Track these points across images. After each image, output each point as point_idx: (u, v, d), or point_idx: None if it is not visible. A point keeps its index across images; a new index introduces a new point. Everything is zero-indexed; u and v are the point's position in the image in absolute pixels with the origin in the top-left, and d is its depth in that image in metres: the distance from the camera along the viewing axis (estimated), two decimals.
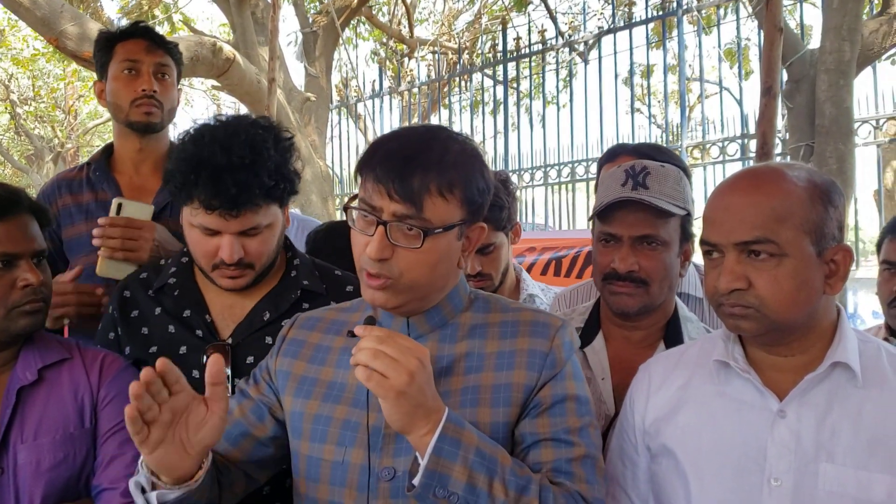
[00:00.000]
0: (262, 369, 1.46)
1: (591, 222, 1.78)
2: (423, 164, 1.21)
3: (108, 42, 2.23)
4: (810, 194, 1.26)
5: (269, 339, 1.62)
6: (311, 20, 9.22)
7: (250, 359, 1.62)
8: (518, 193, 7.10)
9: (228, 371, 1.60)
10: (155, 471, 1.22)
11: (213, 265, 1.61)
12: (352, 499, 1.26)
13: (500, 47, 7.57)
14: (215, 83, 7.47)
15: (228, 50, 6.74)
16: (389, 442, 1.27)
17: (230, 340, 1.64)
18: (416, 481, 1.14)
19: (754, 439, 1.30)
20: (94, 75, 2.36)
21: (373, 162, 1.24)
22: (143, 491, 1.23)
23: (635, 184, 1.62)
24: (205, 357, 1.60)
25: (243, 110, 9.26)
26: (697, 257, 1.55)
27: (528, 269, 4.16)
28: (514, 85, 7.51)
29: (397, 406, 1.12)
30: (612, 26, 6.55)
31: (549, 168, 7.02)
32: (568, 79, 7.15)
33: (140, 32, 2.22)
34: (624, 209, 1.61)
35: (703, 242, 1.32)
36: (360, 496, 1.26)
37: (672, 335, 1.70)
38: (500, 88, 7.71)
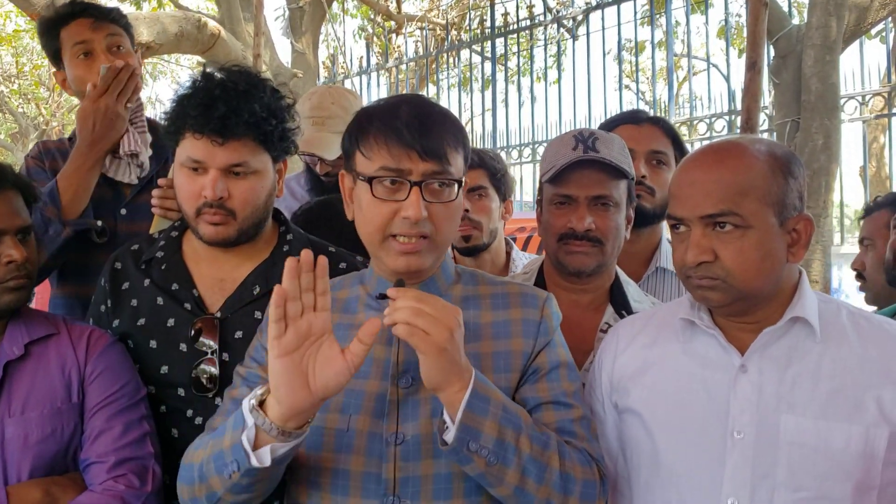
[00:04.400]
0: (260, 350, 1.42)
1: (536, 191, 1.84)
2: (437, 121, 1.29)
3: (51, 29, 2.15)
4: (771, 167, 1.30)
5: (258, 314, 1.62)
6: None
7: (239, 333, 1.61)
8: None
9: (215, 345, 1.60)
10: (274, 397, 1.17)
11: (197, 209, 1.59)
12: (360, 464, 1.29)
13: (488, 23, 7.53)
14: (200, 59, 7.40)
15: (213, 26, 6.68)
16: (394, 409, 1.30)
17: (218, 314, 1.64)
18: (448, 437, 1.18)
19: (718, 394, 1.35)
20: None
21: (392, 128, 1.27)
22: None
23: (586, 147, 1.68)
24: (192, 330, 1.61)
25: None
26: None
27: (524, 248, 4.18)
28: (503, 61, 7.47)
29: (438, 362, 1.16)
30: (600, 2, 6.52)
31: (537, 145, 7.01)
32: (556, 55, 7.12)
33: (80, 11, 2.14)
34: (579, 171, 1.68)
35: (669, 217, 1.37)
36: (368, 461, 1.29)
37: (618, 297, 1.77)
38: (488, 64, 7.68)
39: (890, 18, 5.21)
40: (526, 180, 7.16)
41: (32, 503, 1.44)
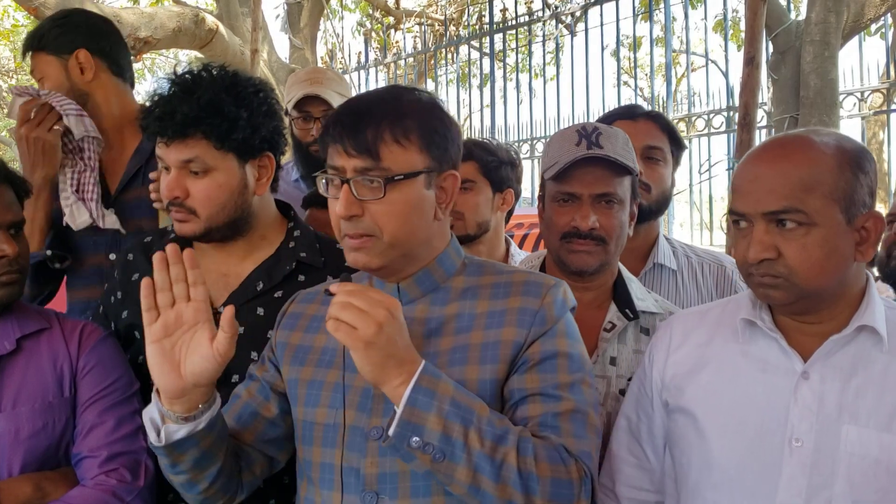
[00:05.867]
0: (267, 348, 1.48)
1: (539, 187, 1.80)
2: (373, 115, 1.25)
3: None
4: (839, 162, 1.24)
5: (260, 311, 1.61)
6: None
7: (240, 329, 1.60)
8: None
9: None
10: (154, 382, 1.24)
11: (167, 206, 1.62)
12: (339, 458, 1.28)
13: (486, 19, 7.52)
14: (199, 55, 7.39)
15: (211, 21, 6.68)
16: (378, 402, 1.28)
17: (221, 309, 1.62)
18: (390, 431, 1.15)
19: (777, 400, 1.30)
20: None
21: (330, 125, 1.28)
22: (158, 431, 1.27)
23: (589, 143, 1.64)
24: None
25: None
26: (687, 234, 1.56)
27: (520, 246, 4.16)
28: (501, 57, 7.47)
29: (367, 356, 1.14)
30: None
31: (535, 141, 7.01)
32: (555, 51, 7.12)
33: (25, 47, 2.15)
34: (582, 168, 1.64)
35: (731, 212, 1.32)
36: (348, 455, 1.28)
37: (621, 295, 1.73)
38: (486, 61, 7.68)
39: (889, 14, 5.21)
40: (524, 176, 7.13)
41: (23, 498, 1.43)
